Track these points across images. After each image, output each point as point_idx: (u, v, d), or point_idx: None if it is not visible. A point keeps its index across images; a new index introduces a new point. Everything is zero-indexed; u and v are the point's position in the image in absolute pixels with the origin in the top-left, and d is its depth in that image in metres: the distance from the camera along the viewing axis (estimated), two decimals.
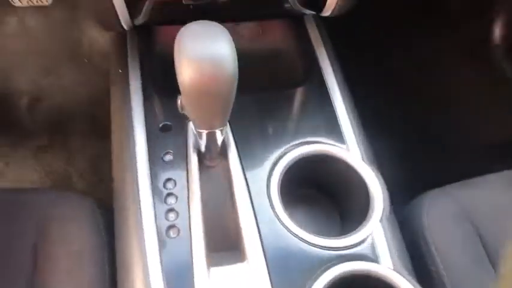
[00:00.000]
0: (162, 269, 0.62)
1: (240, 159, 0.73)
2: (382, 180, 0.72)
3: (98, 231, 0.76)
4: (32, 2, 1.50)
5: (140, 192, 0.68)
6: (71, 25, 1.66)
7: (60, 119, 1.55)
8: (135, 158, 0.71)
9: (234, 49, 0.52)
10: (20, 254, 0.75)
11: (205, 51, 0.51)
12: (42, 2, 1.52)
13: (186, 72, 0.50)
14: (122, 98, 0.79)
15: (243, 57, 0.98)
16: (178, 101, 0.59)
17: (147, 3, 0.74)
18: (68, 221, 0.77)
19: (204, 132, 0.62)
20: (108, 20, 0.74)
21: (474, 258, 0.75)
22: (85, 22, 1.67)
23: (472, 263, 0.74)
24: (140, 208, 0.67)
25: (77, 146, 1.51)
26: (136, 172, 0.70)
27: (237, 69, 0.53)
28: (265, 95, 0.83)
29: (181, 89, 0.53)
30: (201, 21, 0.54)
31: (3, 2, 1.53)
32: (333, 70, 0.87)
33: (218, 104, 0.56)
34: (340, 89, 0.85)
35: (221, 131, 0.63)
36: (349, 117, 0.81)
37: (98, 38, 1.67)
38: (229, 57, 0.51)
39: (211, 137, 0.64)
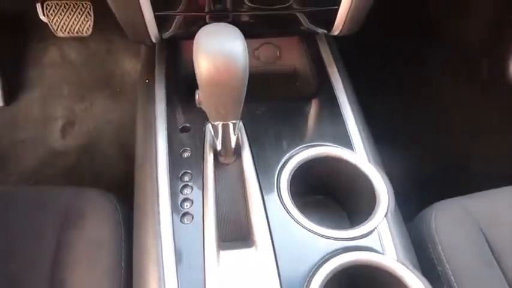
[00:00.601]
0: (175, 252, 0.66)
1: (253, 158, 0.78)
2: (387, 178, 0.75)
3: (116, 224, 0.81)
4: (72, 33, 1.67)
5: (159, 183, 0.73)
6: (106, 57, 1.82)
7: (90, 143, 1.65)
8: (156, 153, 0.78)
9: (246, 46, 0.59)
10: (43, 244, 0.80)
11: (219, 47, 0.58)
12: (82, 33, 1.69)
13: (203, 66, 0.57)
14: (147, 103, 0.87)
15: (262, 77, 1.06)
16: (196, 96, 0.65)
17: (175, 19, 0.84)
18: (89, 214, 0.82)
19: (219, 125, 0.68)
20: (139, 33, 0.84)
21: (481, 261, 0.75)
22: (119, 54, 1.83)
23: (479, 265, 0.74)
24: (158, 197, 0.72)
25: (103, 167, 1.59)
26: (156, 165, 0.76)
27: (247, 64, 0.59)
28: (279, 104, 0.90)
29: (198, 82, 0.60)
30: (217, 23, 0.62)
31: (46, 33, 1.71)
32: (343, 83, 0.94)
33: (231, 95, 0.62)
34: (349, 100, 0.91)
35: (234, 124, 0.69)
36: (358, 126, 0.86)
37: (129, 69, 1.82)
38: (241, 53, 0.58)
39: (225, 130, 0.70)
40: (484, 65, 1.72)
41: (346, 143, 0.83)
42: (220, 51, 0.57)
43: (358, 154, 0.82)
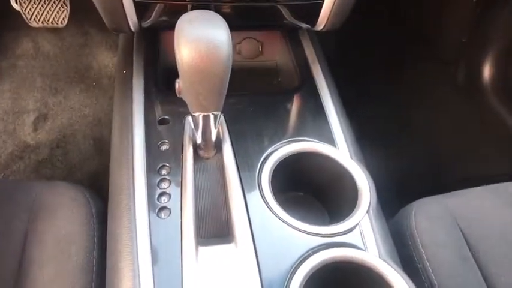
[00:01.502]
0: (151, 247, 0.63)
1: (234, 152, 0.76)
2: (369, 175, 0.74)
3: (87, 218, 0.77)
4: (47, 23, 1.61)
5: (135, 176, 0.70)
6: (82, 49, 1.76)
7: (63, 137, 1.59)
8: (133, 145, 0.74)
9: (229, 34, 0.57)
10: (10, 239, 0.76)
11: (203, 33, 0.56)
12: (57, 24, 1.63)
13: (184, 52, 0.55)
14: (124, 94, 0.84)
15: (244, 72, 1.04)
16: (177, 85, 0.63)
17: (155, 7, 0.81)
18: (58, 209, 0.78)
19: (200, 116, 0.66)
20: (118, 21, 0.81)
21: (459, 257, 0.76)
22: (96, 47, 1.77)
23: (457, 261, 0.75)
24: (134, 190, 0.69)
25: (76, 163, 1.54)
26: (133, 157, 0.73)
27: (231, 52, 0.57)
28: (261, 99, 0.88)
29: (179, 69, 0.58)
30: (199, 10, 0.60)
31: (19, 22, 1.64)
32: (325, 79, 0.93)
33: (213, 84, 0.60)
34: (331, 96, 0.90)
35: (215, 116, 0.67)
36: (340, 121, 0.85)
37: (106, 62, 1.77)
38: (224, 39, 0.56)
39: (206, 122, 0.67)
40: (461, 67, 1.76)
41: (329, 138, 0.82)
42: (203, 36, 0.55)
43: (340, 150, 0.81)
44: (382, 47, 1.72)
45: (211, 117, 0.66)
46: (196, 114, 0.66)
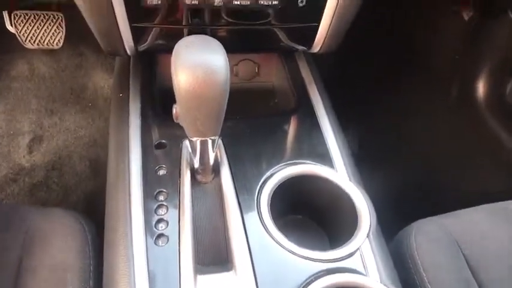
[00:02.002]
0: (149, 276, 0.62)
1: (232, 176, 0.75)
2: (368, 198, 0.74)
3: (83, 246, 0.76)
4: (42, 45, 1.61)
5: (132, 202, 0.69)
6: (77, 70, 1.76)
7: (59, 159, 1.58)
8: (129, 170, 0.73)
9: (227, 58, 0.57)
10: (3, 267, 0.74)
11: (199, 59, 0.55)
12: (52, 45, 1.63)
13: (181, 78, 0.55)
14: (120, 117, 0.83)
15: (240, 93, 1.04)
16: (174, 110, 0.62)
17: (152, 31, 0.81)
18: (53, 236, 0.77)
19: (198, 141, 0.65)
20: (114, 45, 0.81)
21: (461, 278, 0.75)
22: (92, 68, 1.77)
23: (459, 283, 0.74)
24: (131, 216, 0.68)
25: (72, 185, 1.52)
26: (130, 183, 0.72)
27: (228, 77, 0.57)
28: (258, 121, 0.88)
29: (176, 95, 0.57)
30: (196, 35, 0.60)
31: (14, 44, 1.64)
32: (322, 101, 0.93)
33: (211, 109, 0.59)
34: (329, 118, 0.90)
35: (213, 141, 0.66)
36: (337, 142, 0.85)
37: (102, 84, 1.77)
38: (221, 65, 0.56)
39: (204, 147, 0.67)
40: (455, 83, 1.77)
41: (327, 160, 0.82)
42: (200, 62, 0.55)
43: (339, 172, 0.80)
44: (377, 62, 1.73)
45: (209, 142, 0.66)
46: (194, 139, 0.65)
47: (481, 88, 1.65)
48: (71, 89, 1.74)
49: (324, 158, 0.82)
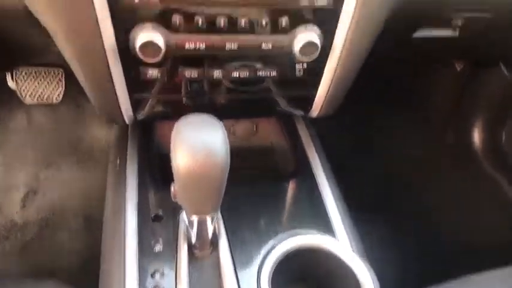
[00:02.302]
0: None
1: (231, 250, 0.73)
2: (372, 270, 0.71)
3: None
4: (41, 100, 1.62)
5: (126, 282, 0.66)
6: (75, 122, 1.76)
7: (53, 215, 1.54)
8: (125, 246, 0.71)
9: (227, 139, 0.57)
10: None
11: (199, 140, 0.55)
12: (52, 100, 1.64)
13: (180, 159, 0.54)
14: (117, 188, 0.82)
15: (238, 153, 1.03)
16: (172, 189, 0.61)
17: (150, 100, 0.81)
18: None
19: (195, 219, 0.64)
20: (112, 114, 0.80)
21: None
22: (89, 120, 1.78)
23: None
24: None
25: (65, 242, 1.48)
26: (124, 261, 0.69)
27: (228, 158, 0.56)
28: (257, 187, 0.87)
29: (175, 175, 0.56)
30: (197, 113, 0.60)
31: (13, 98, 1.65)
32: (322, 165, 0.92)
33: (209, 190, 0.58)
34: (328, 182, 0.89)
35: (212, 218, 0.65)
36: (338, 209, 0.83)
37: (100, 136, 1.76)
38: (221, 146, 0.55)
39: (202, 224, 0.65)
40: (450, 133, 1.78)
41: (328, 228, 0.80)
42: (200, 144, 0.55)
43: (340, 241, 0.78)
44: (370, 111, 1.74)
45: (208, 219, 0.64)
46: (193, 217, 0.63)
47: (476, 137, 1.66)
48: (69, 141, 1.74)
49: (325, 225, 0.81)
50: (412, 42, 1.01)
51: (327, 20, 0.73)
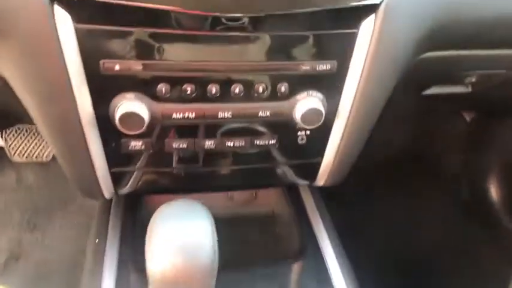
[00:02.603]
0: None
1: None
2: None
3: None
4: (31, 158, 1.54)
5: None
6: (66, 181, 1.67)
7: (35, 284, 1.42)
8: None
9: (215, 235, 0.47)
10: None
11: (179, 236, 0.46)
12: (41, 159, 1.57)
13: (155, 261, 0.45)
14: (93, 273, 0.71)
15: (235, 222, 0.93)
16: None
17: (134, 174, 0.72)
18: None
19: None
20: (90, 190, 0.72)
21: None
22: None
23: None
24: None
25: None
26: None
27: (216, 259, 0.47)
28: (256, 272, 0.76)
29: (149, 278, 0.47)
30: (180, 200, 0.50)
31: (3, 156, 1.58)
32: (329, 238, 0.82)
33: None
34: (337, 258, 0.78)
35: None
36: None
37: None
38: (207, 245, 0.46)
39: None
40: (464, 185, 1.69)
41: None
42: (180, 243, 0.45)
43: None
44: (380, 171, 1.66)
45: None
46: None
47: (493, 191, 1.57)
48: (59, 200, 1.64)
49: None
50: (421, 98, 0.94)
51: (330, 85, 0.65)
